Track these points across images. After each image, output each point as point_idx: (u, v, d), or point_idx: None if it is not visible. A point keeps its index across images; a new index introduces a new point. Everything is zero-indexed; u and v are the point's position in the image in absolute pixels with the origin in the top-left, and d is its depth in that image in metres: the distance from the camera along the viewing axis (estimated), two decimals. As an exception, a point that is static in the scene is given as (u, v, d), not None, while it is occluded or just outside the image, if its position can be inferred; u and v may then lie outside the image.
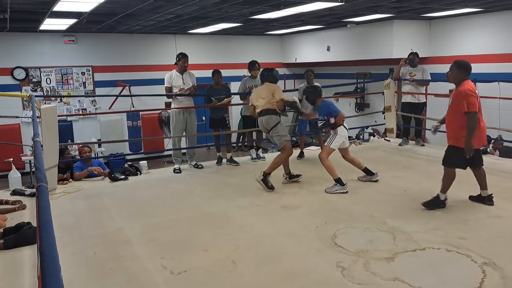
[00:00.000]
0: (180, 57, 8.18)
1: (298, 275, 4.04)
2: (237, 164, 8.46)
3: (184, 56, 8.17)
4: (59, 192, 6.79)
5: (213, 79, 8.58)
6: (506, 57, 10.63)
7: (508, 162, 8.09)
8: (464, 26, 11.62)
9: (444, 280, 3.87)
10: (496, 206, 5.67)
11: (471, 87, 5.46)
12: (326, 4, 9.09)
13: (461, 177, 5.77)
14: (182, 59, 8.15)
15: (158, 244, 4.83)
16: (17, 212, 5.86)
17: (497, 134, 8.85)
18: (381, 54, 12.75)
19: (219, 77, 8.54)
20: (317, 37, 15.35)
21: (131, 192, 6.99)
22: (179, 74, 8.18)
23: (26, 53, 13.61)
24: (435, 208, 5.61)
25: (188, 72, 8.27)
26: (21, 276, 4.15)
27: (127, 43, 14.79)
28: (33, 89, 13.72)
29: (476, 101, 5.44)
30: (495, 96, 8.59)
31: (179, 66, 8.17)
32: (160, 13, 9.80)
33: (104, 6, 8.58)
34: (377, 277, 3.89)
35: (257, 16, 10.99)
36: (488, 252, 4.29)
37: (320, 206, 5.92)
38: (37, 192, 1.96)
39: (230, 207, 6.05)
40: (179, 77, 8.16)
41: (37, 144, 3.22)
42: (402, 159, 8.41)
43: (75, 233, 5.18)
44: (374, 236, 4.87)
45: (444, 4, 9.64)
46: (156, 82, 14.14)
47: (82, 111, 14.59)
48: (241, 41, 16.53)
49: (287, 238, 4.90)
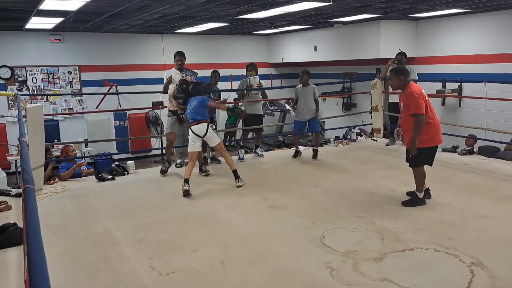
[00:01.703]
0: (175, 55, 8.36)
1: (286, 276, 4.03)
2: (219, 162, 8.49)
3: (179, 54, 8.33)
4: (45, 192, 6.73)
5: (211, 79, 8.95)
6: (492, 57, 10.71)
7: (493, 161, 8.14)
8: (451, 27, 11.70)
9: (432, 280, 3.88)
10: (483, 206, 5.71)
11: (417, 90, 5.66)
12: (313, 4, 9.09)
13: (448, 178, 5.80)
14: (176, 56, 8.32)
15: (146, 244, 4.80)
16: (3, 212, 5.80)
17: (483, 134, 8.90)
18: (368, 54, 12.79)
19: (217, 78, 9.05)
20: (304, 37, 15.37)
21: (119, 192, 6.95)
22: (177, 72, 8.26)
23: (12, 52, 13.47)
24: (415, 206, 5.73)
25: (186, 69, 8.37)
26: (7, 277, 4.10)
27: (114, 43, 14.70)
28: (18, 88, 13.59)
29: (423, 103, 5.60)
30: (481, 96, 8.65)
31: (176, 64, 8.28)
32: (147, 12, 9.74)
33: (91, 5, 8.51)
34: (366, 278, 3.90)
35: (244, 16, 10.98)
36: (476, 252, 4.31)
37: (308, 206, 5.92)
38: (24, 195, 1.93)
39: (218, 207, 6.03)
40: (178, 74, 8.24)
41: (23, 145, 3.18)
42: (389, 159, 8.44)
43: (62, 234, 5.14)
44: (362, 236, 4.87)
45: (431, 5, 9.69)
46: (144, 82, 14.11)
47: (68, 110, 14.48)
48: (228, 40, 16.51)
49: (276, 239, 4.90)
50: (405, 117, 5.77)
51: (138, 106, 13.00)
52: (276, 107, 16.24)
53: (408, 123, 5.69)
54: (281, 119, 16.45)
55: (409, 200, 5.86)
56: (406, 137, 5.92)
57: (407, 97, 5.65)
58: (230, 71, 15.47)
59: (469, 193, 6.32)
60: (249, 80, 8.88)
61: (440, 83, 11.40)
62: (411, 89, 5.65)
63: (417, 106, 5.54)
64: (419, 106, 5.53)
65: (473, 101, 10.51)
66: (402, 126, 6.03)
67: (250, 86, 8.88)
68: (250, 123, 9.08)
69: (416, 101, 5.55)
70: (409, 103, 5.61)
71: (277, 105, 16.22)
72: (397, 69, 5.97)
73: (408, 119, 5.69)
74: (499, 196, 6.15)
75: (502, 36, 10.51)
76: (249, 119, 9.03)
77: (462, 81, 10.91)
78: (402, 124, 5.99)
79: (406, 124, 5.80)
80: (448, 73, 11.49)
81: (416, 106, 5.54)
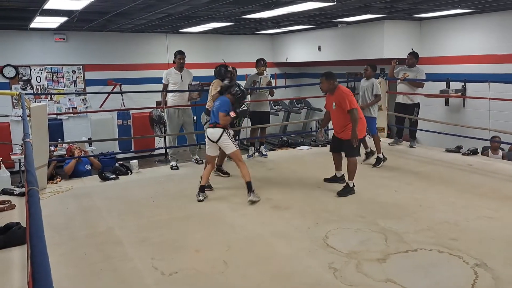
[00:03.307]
0: (176, 53, 8.39)
1: (289, 276, 4.03)
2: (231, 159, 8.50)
3: (180, 53, 8.34)
4: (49, 192, 6.74)
5: None
6: (496, 58, 10.68)
7: (497, 162, 8.13)
8: (455, 27, 11.66)
9: (436, 281, 3.88)
10: (487, 207, 5.70)
11: (346, 90, 6.49)
12: (317, 4, 9.08)
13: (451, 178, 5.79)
14: (178, 55, 8.33)
15: (149, 244, 4.80)
16: (6, 212, 5.81)
17: (487, 134, 8.88)
18: (372, 54, 12.75)
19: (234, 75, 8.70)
20: (308, 37, 15.34)
21: (122, 191, 6.95)
22: (177, 72, 8.29)
23: (16, 51, 13.48)
24: (347, 195, 6.29)
25: (186, 70, 8.38)
26: (10, 277, 4.11)
27: (118, 42, 14.71)
28: (23, 87, 13.60)
29: (355, 99, 6.48)
30: (485, 96, 8.63)
31: (176, 63, 8.30)
32: (152, 12, 9.74)
33: (96, 5, 8.51)
34: (369, 279, 3.90)
35: (248, 16, 10.97)
36: (480, 253, 4.31)
37: (311, 207, 5.91)
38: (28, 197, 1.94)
39: (221, 207, 6.03)
40: (178, 74, 8.28)
41: (27, 145, 3.18)
42: (392, 158, 8.42)
43: (65, 233, 5.15)
44: (365, 237, 4.87)
45: (435, 5, 9.66)
46: (147, 81, 14.09)
47: (72, 109, 14.49)
48: (232, 40, 16.50)
49: (279, 239, 4.90)
50: (340, 115, 6.46)
51: (141, 105, 13.01)
52: (280, 106, 16.24)
53: (345, 120, 6.40)
54: (285, 118, 16.46)
55: (342, 191, 6.37)
56: (343, 133, 6.51)
57: (340, 97, 6.36)
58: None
59: (472, 193, 6.31)
60: (260, 79, 8.88)
61: (444, 83, 11.37)
62: (342, 89, 6.45)
63: (352, 103, 6.31)
64: (353, 102, 6.32)
65: (477, 101, 10.48)
66: (337, 125, 6.62)
67: (257, 84, 8.88)
68: (257, 120, 9.04)
69: (350, 98, 6.33)
70: (342, 102, 6.31)
71: (281, 105, 16.23)
72: (327, 74, 6.50)
73: (343, 116, 6.39)
74: (503, 196, 6.14)
75: (506, 36, 10.47)
76: (256, 116, 8.98)
77: (466, 81, 10.88)
78: (337, 124, 6.61)
79: (342, 121, 6.48)
80: (452, 73, 11.46)
81: (350, 103, 6.30)
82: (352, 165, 6.42)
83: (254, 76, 9.01)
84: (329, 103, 6.63)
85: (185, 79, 8.33)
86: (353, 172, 6.41)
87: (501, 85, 8.89)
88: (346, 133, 6.42)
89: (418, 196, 6.24)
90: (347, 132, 6.40)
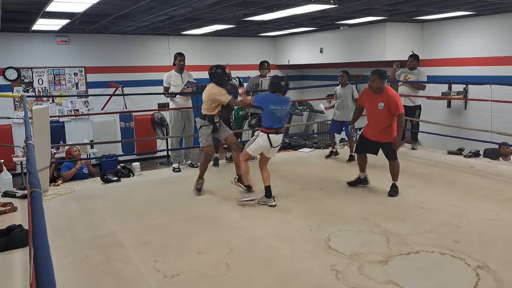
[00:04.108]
0: (176, 55, 8.40)
1: (292, 278, 4.03)
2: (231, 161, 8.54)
3: (180, 55, 8.34)
4: (51, 194, 6.75)
5: None
6: (498, 60, 10.67)
7: (499, 164, 8.12)
8: (457, 29, 11.66)
9: (438, 283, 3.87)
10: (489, 208, 5.69)
11: (395, 92, 6.50)
12: (320, 6, 9.08)
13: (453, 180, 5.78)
14: (178, 57, 8.33)
15: (151, 247, 4.80)
16: (8, 214, 5.82)
17: (489, 136, 8.85)
18: (374, 57, 12.76)
19: None
20: (310, 39, 15.34)
21: (124, 194, 6.96)
22: (177, 74, 8.29)
23: (18, 53, 13.50)
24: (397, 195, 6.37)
25: (186, 72, 8.38)
26: (12, 279, 4.12)
27: (120, 44, 14.72)
28: (25, 89, 13.61)
29: None
30: (487, 98, 8.63)
31: (176, 65, 8.32)
32: (154, 14, 9.75)
33: (97, 7, 8.52)
34: (371, 281, 3.89)
35: (251, 18, 10.97)
36: (482, 255, 4.30)
37: (313, 209, 5.91)
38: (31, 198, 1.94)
39: (223, 209, 6.03)
40: (178, 76, 8.27)
41: (30, 148, 3.18)
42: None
43: (67, 236, 5.15)
44: (367, 239, 4.87)
45: (437, 8, 9.66)
46: (149, 83, 14.11)
47: (74, 112, 14.50)
48: (234, 42, 16.50)
49: (281, 241, 4.89)
50: (385, 117, 6.36)
51: (143, 107, 13.00)
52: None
53: (389, 121, 6.36)
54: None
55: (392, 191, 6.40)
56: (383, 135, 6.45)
57: (391, 100, 6.28)
58: (236, 73, 15.36)
59: (474, 195, 6.31)
60: (262, 82, 8.86)
61: (446, 86, 11.37)
62: (392, 92, 6.37)
63: (402, 107, 6.33)
64: (402, 106, 6.35)
65: (479, 104, 10.46)
66: (378, 126, 6.47)
67: (259, 87, 8.85)
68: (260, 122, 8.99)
69: (400, 102, 6.34)
70: (393, 105, 6.25)
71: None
72: (380, 72, 6.46)
73: (388, 118, 6.34)
74: (505, 199, 6.13)
75: (508, 38, 10.46)
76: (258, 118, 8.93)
77: (468, 83, 10.87)
78: (379, 125, 6.46)
79: (385, 123, 6.39)
80: (454, 76, 11.45)
81: (401, 107, 6.31)
82: (397, 167, 6.50)
83: (256, 78, 9.00)
84: (373, 102, 6.45)
85: (185, 81, 8.33)
86: (398, 173, 6.49)
87: (503, 87, 8.86)
88: (387, 135, 6.39)
89: (420, 198, 6.24)
90: (388, 135, 6.38)
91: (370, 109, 6.54)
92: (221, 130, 6.83)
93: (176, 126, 8.42)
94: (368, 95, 6.55)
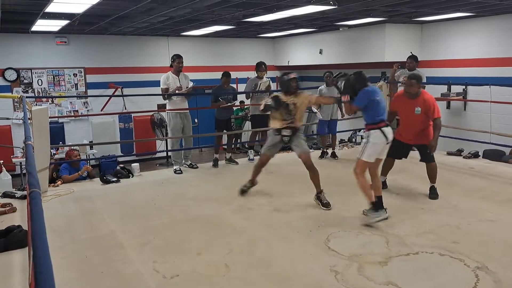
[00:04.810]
0: (175, 57, 8.34)
1: (291, 279, 4.03)
2: (236, 164, 8.69)
3: (179, 57, 8.30)
4: (50, 195, 6.74)
5: (222, 80, 8.90)
6: (497, 61, 10.68)
7: (499, 165, 8.12)
8: (456, 31, 11.67)
9: (437, 284, 3.88)
10: (488, 210, 5.69)
11: (431, 96, 6.40)
12: (319, 7, 9.09)
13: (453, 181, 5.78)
14: (176, 59, 8.28)
15: (151, 247, 4.79)
16: (8, 215, 5.81)
17: (488, 138, 8.86)
18: (373, 58, 12.77)
19: (228, 79, 8.91)
20: (310, 40, 15.35)
21: (123, 195, 6.95)
22: (175, 76, 8.27)
23: (18, 54, 13.50)
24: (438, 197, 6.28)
25: (183, 73, 8.37)
26: (11, 280, 4.11)
27: (119, 45, 14.72)
28: (24, 90, 13.61)
29: None
30: (486, 100, 8.63)
31: (174, 67, 8.30)
32: (153, 15, 9.75)
33: (97, 8, 8.52)
34: (370, 282, 3.89)
35: (250, 19, 10.98)
36: (481, 256, 4.30)
37: (313, 210, 5.91)
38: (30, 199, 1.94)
39: (223, 210, 6.03)
40: (175, 78, 8.25)
41: (29, 148, 3.18)
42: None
43: (66, 236, 5.14)
44: (367, 240, 4.87)
45: (436, 9, 9.67)
46: (149, 84, 14.10)
47: (73, 112, 14.50)
48: (233, 43, 16.52)
49: (280, 242, 4.89)
50: (422, 121, 6.27)
51: (143, 108, 13.00)
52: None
53: (425, 125, 6.30)
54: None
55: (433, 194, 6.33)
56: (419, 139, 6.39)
57: (429, 104, 6.19)
58: (235, 74, 15.41)
59: (474, 197, 6.31)
60: (259, 84, 8.86)
61: (445, 87, 11.39)
62: (429, 96, 6.30)
63: (439, 110, 6.26)
64: (439, 110, 6.27)
65: (478, 105, 10.48)
66: (415, 130, 6.36)
67: (257, 88, 8.88)
68: (258, 124, 9.04)
69: (437, 106, 6.28)
70: (431, 109, 6.18)
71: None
72: (418, 77, 6.33)
73: (425, 122, 6.28)
74: (504, 200, 6.13)
75: (507, 39, 10.48)
76: (257, 120, 8.98)
77: (467, 84, 10.88)
78: (416, 129, 6.35)
79: (421, 126, 6.31)
80: (453, 77, 11.46)
81: (438, 111, 6.25)
82: (435, 169, 6.46)
83: (254, 79, 9.00)
84: (408, 107, 6.28)
85: (182, 83, 8.30)
86: (436, 175, 6.45)
87: (502, 88, 8.87)
88: (423, 138, 6.33)
89: (420, 199, 6.24)
90: (425, 137, 6.32)
91: (406, 114, 6.40)
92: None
93: (175, 127, 8.41)
94: (403, 101, 6.41)
